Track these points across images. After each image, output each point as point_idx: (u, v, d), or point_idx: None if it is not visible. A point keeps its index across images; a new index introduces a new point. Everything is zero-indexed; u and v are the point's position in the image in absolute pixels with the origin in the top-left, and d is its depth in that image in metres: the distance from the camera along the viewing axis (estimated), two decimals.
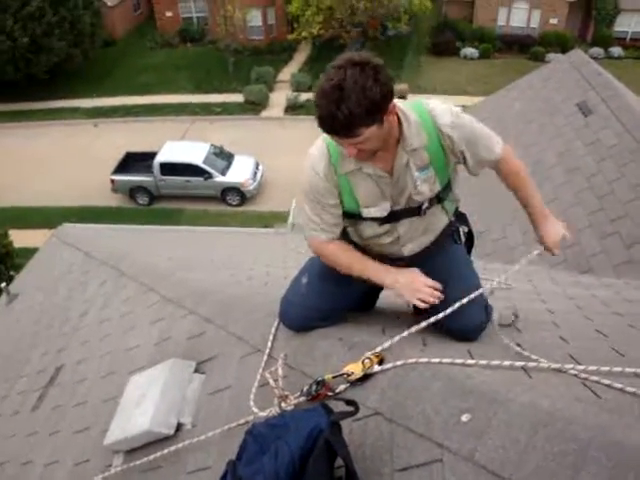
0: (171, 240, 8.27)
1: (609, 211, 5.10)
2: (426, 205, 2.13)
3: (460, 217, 2.39)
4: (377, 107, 1.78)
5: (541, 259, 5.33)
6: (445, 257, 2.28)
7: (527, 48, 27.32)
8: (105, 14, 28.82)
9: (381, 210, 2.11)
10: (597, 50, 26.74)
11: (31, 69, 24.27)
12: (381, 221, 2.14)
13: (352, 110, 1.73)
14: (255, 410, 2.00)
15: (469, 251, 2.46)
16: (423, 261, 2.21)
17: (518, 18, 28.36)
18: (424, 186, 2.07)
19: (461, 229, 2.36)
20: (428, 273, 2.24)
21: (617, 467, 1.24)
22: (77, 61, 25.82)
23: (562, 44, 26.02)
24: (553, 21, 27.64)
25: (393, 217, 2.13)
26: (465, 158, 2.12)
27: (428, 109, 2.02)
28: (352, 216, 2.16)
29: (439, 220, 2.25)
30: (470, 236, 2.44)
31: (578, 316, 2.87)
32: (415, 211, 2.13)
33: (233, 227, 14.60)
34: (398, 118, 1.96)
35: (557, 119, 6.87)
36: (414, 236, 2.20)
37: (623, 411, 1.49)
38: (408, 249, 2.22)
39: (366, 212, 2.13)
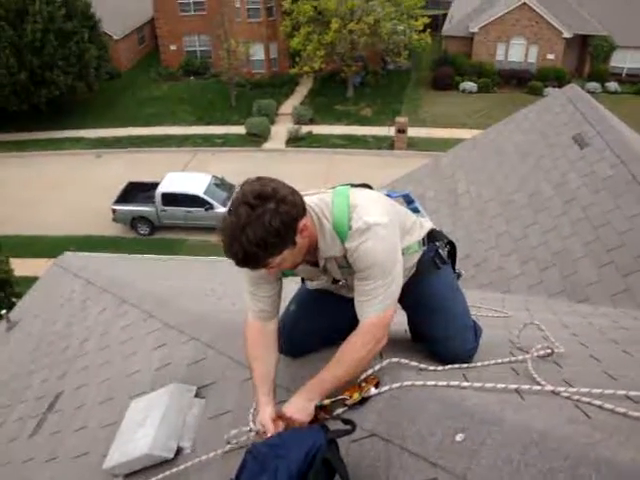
0: (172, 269, 8.32)
1: (605, 241, 5.16)
2: None
3: (434, 237, 2.26)
4: (282, 238, 1.76)
5: (539, 289, 5.40)
6: (428, 288, 2.21)
7: (525, 82, 27.84)
8: (111, 47, 29.41)
9: (322, 283, 2.17)
10: (594, 85, 27.25)
11: (32, 100, 24.75)
12: (332, 282, 2.16)
13: (253, 248, 1.73)
14: (254, 428, 2.03)
15: (453, 261, 2.34)
16: (403, 296, 2.11)
17: (516, 53, 28.98)
18: (349, 278, 2.05)
19: (441, 251, 2.24)
20: (412, 306, 2.27)
21: None
22: (81, 93, 26.28)
23: (559, 78, 26.56)
24: (550, 56, 28.22)
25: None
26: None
27: (349, 225, 1.89)
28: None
29: (405, 262, 2.08)
30: (452, 247, 2.33)
31: (573, 343, 2.90)
32: None
33: None
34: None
35: (553, 151, 6.99)
36: None
37: (613, 430, 1.52)
38: None
39: (309, 284, 2.22)
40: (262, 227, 1.70)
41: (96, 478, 2.72)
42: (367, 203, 1.94)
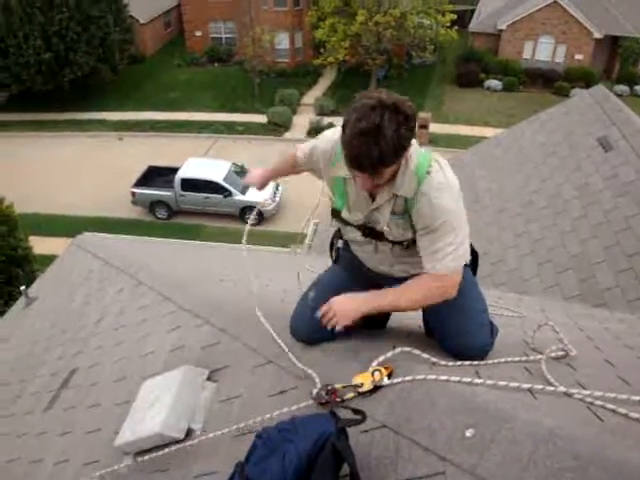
0: (188, 254, 8.38)
1: (625, 246, 5.10)
2: (405, 244, 2.13)
3: None
4: (404, 148, 1.86)
5: (555, 291, 5.35)
6: None
7: (551, 83, 27.44)
8: (137, 31, 29.54)
9: (355, 218, 2.18)
10: (622, 87, 26.82)
11: (57, 81, 25.14)
12: (362, 232, 2.19)
13: (386, 152, 1.79)
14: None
15: (474, 269, 2.37)
16: None
17: (543, 52, 28.57)
18: (394, 229, 2.09)
19: None
20: None
21: None
22: (104, 75, 26.52)
23: (587, 80, 26.12)
24: (578, 57, 27.79)
25: (374, 234, 2.17)
26: (415, 231, 2.06)
27: (428, 170, 1.98)
28: (337, 215, 2.27)
29: None
30: (473, 255, 2.34)
31: (588, 346, 2.88)
32: (397, 242, 2.14)
33: (251, 245, 14.71)
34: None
35: (577, 153, 6.91)
36: (401, 259, 2.19)
37: (625, 434, 1.52)
38: (397, 270, 2.23)
39: (344, 214, 2.23)
40: (398, 132, 1.78)
41: (107, 454, 2.76)
42: (446, 165, 2.04)
